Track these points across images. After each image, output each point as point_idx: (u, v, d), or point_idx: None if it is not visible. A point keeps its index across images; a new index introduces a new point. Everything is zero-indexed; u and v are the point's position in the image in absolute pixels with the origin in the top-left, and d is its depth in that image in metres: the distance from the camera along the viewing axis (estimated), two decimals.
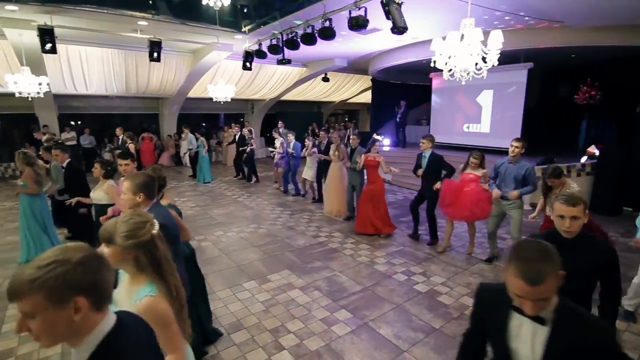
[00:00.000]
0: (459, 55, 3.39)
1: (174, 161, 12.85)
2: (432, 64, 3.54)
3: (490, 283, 1.42)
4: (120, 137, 8.62)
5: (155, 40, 7.30)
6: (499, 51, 3.30)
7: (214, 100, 9.49)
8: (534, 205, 7.36)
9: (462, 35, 3.38)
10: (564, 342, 1.16)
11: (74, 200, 4.23)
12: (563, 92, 10.91)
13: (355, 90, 15.85)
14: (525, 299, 1.11)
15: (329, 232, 5.96)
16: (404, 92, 12.68)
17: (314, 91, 14.73)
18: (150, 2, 7.19)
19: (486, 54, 3.29)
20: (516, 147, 4.19)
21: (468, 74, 3.45)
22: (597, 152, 7.26)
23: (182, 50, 9.33)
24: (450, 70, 3.49)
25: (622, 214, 6.91)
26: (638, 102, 7.42)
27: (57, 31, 6.60)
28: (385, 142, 12.39)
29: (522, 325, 1.23)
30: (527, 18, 6.22)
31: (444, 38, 3.41)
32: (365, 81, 14.46)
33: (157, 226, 1.46)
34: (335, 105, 18.37)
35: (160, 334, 1.32)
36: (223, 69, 10.55)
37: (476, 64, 3.44)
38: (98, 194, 3.77)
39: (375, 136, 12.21)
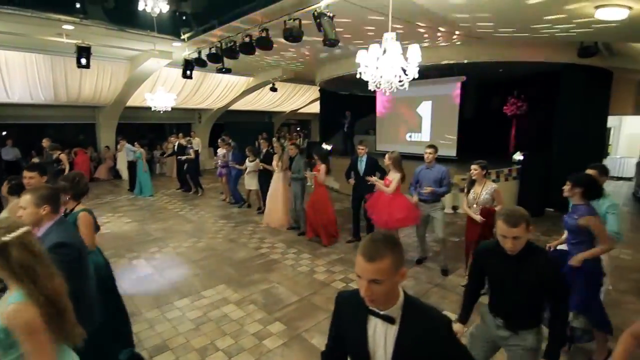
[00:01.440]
0: (382, 67, 3.53)
1: (112, 174, 12.06)
2: (357, 76, 3.67)
3: (347, 290, 1.44)
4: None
5: (83, 45, 6.85)
6: (418, 64, 3.49)
7: (153, 109, 9.09)
8: (455, 208, 7.86)
9: (385, 49, 3.54)
10: (410, 338, 1.21)
11: None
12: (495, 103, 11.80)
13: (305, 100, 16.00)
14: (362, 278, 1.15)
15: (271, 243, 5.87)
16: (352, 102, 13.00)
17: (263, 101, 14.66)
18: (78, 5, 6.76)
19: (406, 66, 3.47)
20: (430, 153, 4.57)
21: (391, 86, 3.60)
22: (521, 158, 7.90)
23: (118, 57, 8.85)
24: (375, 82, 3.63)
25: (544, 214, 7.55)
26: (554, 112, 8.22)
27: None
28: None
29: (376, 327, 1.26)
30: (446, 31, 6.65)
31: (367, 50, 3.54)
32: (315, 91, 14.65)
33: (14, 233, 1.37)
34: (286, 115, 18.40)
35: (24, 342, 1.30)
36: (164, 77, 10.17)
37: (400, 76, 3.61)
38: (2, 215, 3.41)
39: (324, 145, 12.44)
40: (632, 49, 7.12)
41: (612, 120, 13.32)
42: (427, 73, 9.62)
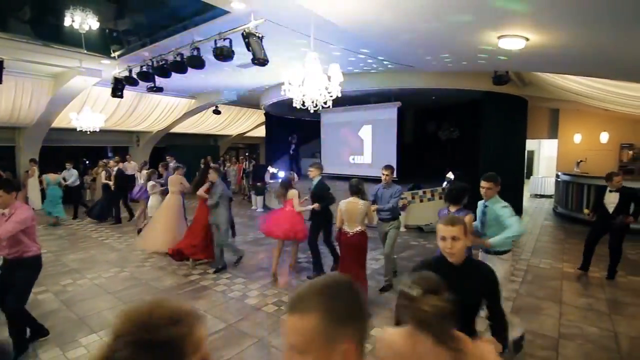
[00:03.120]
0: (306, 86, 3.59)
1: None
2: (282, 93, 3.69)
3: None
4: None
5: None
6: (340, 83, 3.59)
7: (78, 129, 8.44)
8: (407, 227, 8.12)
9: (308, 70, 3.61)
10: None
11: None
12: (431, 128, 12.60)
13: (251, 124, 15.90)
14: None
15: (204, 269, 5.53)
16: (298, 126, 13.17)
17: (207, 124, 14.33)
18: None
19: (329, 85, 3.55)
20: (386, 174, 4.79)
21: (316, 105, 3.66)
22: (452, 177, 8.39)
23: (40, 73, 8.18)
24: (300, 100, 3.67)
25: None
26: (479, 136, 8.92)
27: None
28: (280, 174, 12.56)
29: None
30: (380, 60, 7.04)
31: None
32: (261, 115, 14.65)
33: None
34: (233, 138, 18.11)
35: None
36: (95, 96, 9.56)
37: (324, 95, 3.68)
38: None
39: (269, 169, 12.34)
40: (541, 80, 8.02)
41: (533, 144, 14.84)
42: (366, 98, 10.10)
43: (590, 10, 3.37)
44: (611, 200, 5.01)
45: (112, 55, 7.09)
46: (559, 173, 10.44)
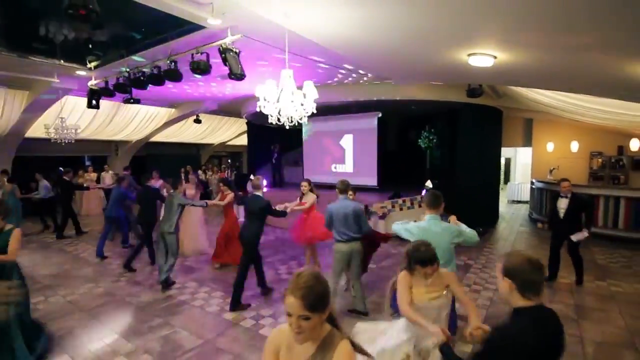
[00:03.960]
0: (282, 102, 3.64)
1: None
2: (258, 109, 3.73)
3: None
4: None
5: None
6: (315, 100, 3.66)
7: (52, 141, 8.24)
8: None
9: (283, 86, 3.66)
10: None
11: None
12: (412, 136, 12.83)
13: (233, 132, 15.84)
14: None
15: (182, 282, 5.46)
16: (280, 135, 13.16)
17: (188, 133, 14.20)
18: None
19: (304, 102, 3.61)
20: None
21: (292, 121, 3.71)
22: (431, 186, 8.55)
23: (14, 83, 7.97)
24: (275, 116, 3.72)
25: None
26: (456, 144, 9.15)
27: None
28: (263, 182, 12.54)
29: None
30: (359, 73, 7.19)
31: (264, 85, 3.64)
32: (243, 124, 14.61)
33: None
34: (215, 147, 17.98)
35: None
36: (71, 106, 9.36)
37: (301, 112, 3.74)
38: None
39: (251, 177, 12.30)
40: (514, 92, 8.31)
41: (510, 151, 15.29)
42: (347, 108, 10.23)
43: (546, 34, 3.55)
44: (562, 205, 5.27)
45: (88, 65, 6.99)
46: (534, 180, 10.79)
